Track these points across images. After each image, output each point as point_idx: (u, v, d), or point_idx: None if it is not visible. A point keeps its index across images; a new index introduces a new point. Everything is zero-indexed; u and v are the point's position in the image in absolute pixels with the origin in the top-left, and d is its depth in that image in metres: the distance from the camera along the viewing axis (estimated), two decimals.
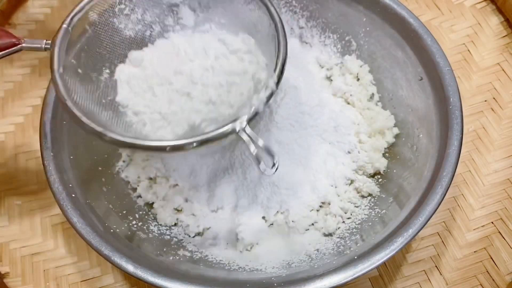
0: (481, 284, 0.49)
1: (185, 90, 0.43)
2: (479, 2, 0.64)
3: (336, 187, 0.50)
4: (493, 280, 0.49)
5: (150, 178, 0.52)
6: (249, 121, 0.38)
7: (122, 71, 0.45)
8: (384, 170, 0.51)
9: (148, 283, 0.40)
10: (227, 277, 0.44)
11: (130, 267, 0.40)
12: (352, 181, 0.51)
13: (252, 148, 0.37)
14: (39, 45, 0.42)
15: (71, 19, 0.42)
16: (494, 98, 0.58)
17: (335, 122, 0.52)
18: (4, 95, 0.61)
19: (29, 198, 0.54)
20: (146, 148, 0.38)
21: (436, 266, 0.49)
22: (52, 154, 0.45)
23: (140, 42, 0.47)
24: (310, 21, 0.57)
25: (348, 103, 0.55)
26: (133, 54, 0.45)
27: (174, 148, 0.38)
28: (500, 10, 0.63)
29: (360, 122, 0.53)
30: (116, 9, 0.45)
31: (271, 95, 0.39)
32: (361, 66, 0.56)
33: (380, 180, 0.51)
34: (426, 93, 0.48)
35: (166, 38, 0.48)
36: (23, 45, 0.42)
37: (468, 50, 0.61)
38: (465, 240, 0.51)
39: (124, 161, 0.52)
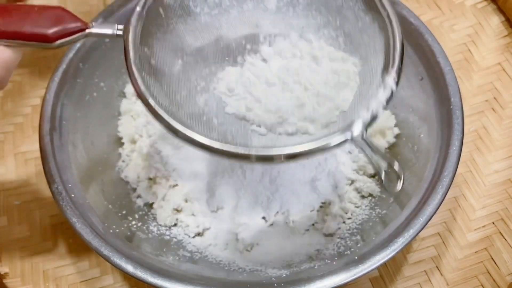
0: (482, 285, 0.48)
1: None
2: (480, 2, 0.63)
3: (336, 187, 0.50)
4: (494, 280, 0.48)
5: (150, 178, 0.52)
6: (367, 127, 0.32)
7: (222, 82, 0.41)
8: (385, 170, 0.51)
9: (148, 284, 0.40)
10: (227, 277, 0.44)
11: (129, 268, 0.40)
12: (352, 181, 0.51)
13: (374, 160, 0.32)
14: (109, 31, 0.37)
15: (146, 0, 0.37)
16: (495, 98, 0.57)
17: None
18: (4, 95, 0.61)
19: (29, 198, 0.54)
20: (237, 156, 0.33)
21: (437, 266, 0.49)
22: (51, 154, 0.45)
23: (215, 29, 0.41)
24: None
25: None
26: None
27: (289, 156, 0.32)
28: (501, 10, 0.63)
29: None
30: None
31: (391, 95, 0.33)
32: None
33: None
34: (427, 93, 0.48)
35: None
36: (91, 30, 0.37)
37: (469, 50, 0.61)
38: (466, 241, 0.50)
39: (124, 161, 0.52)
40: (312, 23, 0.42)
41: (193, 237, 0.49)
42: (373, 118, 0.32)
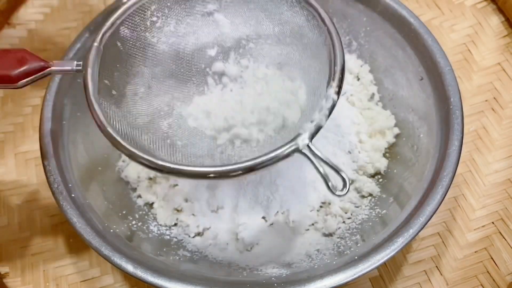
0: (481, 285, 0.48)
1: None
2: (480, 2, 0.64)
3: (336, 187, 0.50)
4: (493, 280, 0.48)
5: (150, 178, 0.52)
6: (312, 137, 0.35)
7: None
8: (384, 170, 0.51)
9: (148, 283, 0.40)
10: (227, 277, 0.44)
11: (129, 267, 0.40)
12: (352, 181, 0.51)
13: (320, 167, 0.34)
14: (69, 68, 0.39)
15: (102, 36, 0.39)
16: (494, 98, 0.58)
17: (335, 122, 0.52)
18: (4, 95, 0.61)
19: (29, 198, 0.54)
20: (193, 175, 0.35)
21: (436, 266, 0.49)
22: (51, 154, 0.45)
23: (175, 56, 0.44)
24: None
25: (349, 103, 0.55)
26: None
27: (226, 174, 0.34)
28: (500, 10, 0.63)
29: (360, 122, 0.53)
30: (148, 23, 0.43)
31: (333, 106, 0.36)
32: (361, 66, 0.56)
33: (380, 180, 0.51)
34: (427, 93, 0.48)
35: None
36: (52, 68, 0.40)
37: (469, 50, 0.61)
38: (466, 240, 0.50)
39: (124, 161, 0.52)
40: (265, 47, 0.45)
41: (193, 237, 0.49)
42: (317, 129, 0.35)
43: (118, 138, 0.36)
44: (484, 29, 0.62)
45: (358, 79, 0.56)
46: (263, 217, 0.49)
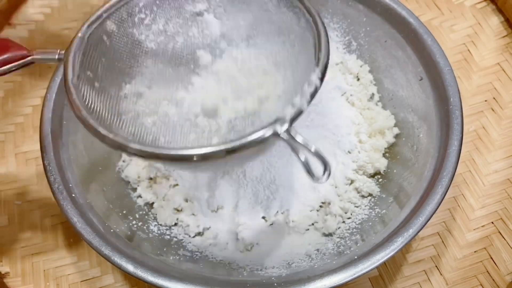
0: (481, 284, 0.48)
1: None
2: (479, 2, 0.64)
3: (336, 187, 0.50)
4: (493, 280, 0.48)
5: (150, 178, 0.52)
6: (292, 121, 0.34)
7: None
8: (384, 170, 0.51)
9: (148, 283, 0.40)
10: (227, 277, 0.44)
11: (130, 267, 0.40)
12: (352, 181, 0.51)
13: (301, 153, 0.33)
14: (51, 57, 0.39)
15: (87, 27, 0.39)
16: (494, 98, 0.58)
17: (335, 122, 0.52)
18: (4, 95, 0.61)
19: (29, 198, 0.54)
20: (173, 158, 0.34)
21: (436, 266, 0.49)
22: (52, 154, 0.45)
23: (163, 55, 0.44)
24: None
25: (348, 103, 0.55)
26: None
27: (204, 156, 0.33)
28: (500, 10, 0.63)
29: (360, 122, 0.53)
30: (136, 19, 0.42)
31: (315, 91, 0.35)
32: (361, 66, 0.56)
33: (380, 180, 0.51)
34: (426, 93, 0.48)
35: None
36: (34, 56, 0.40)
37: (468, 50, 0.61)
38: (465, 240, 0.51)
39: (124, 161, 0.52)
40: (252, 42, 0.45)
41: (193, 236, 0.49)
42: (298, 113, 0.34)
43: (91, 120, 0.36)
44: (483, 29, 0.62)
45: (358, 79, 0.56)
46: (263, 217, 0.50)
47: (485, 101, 0.58)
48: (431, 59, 0.48)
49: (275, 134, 0.33)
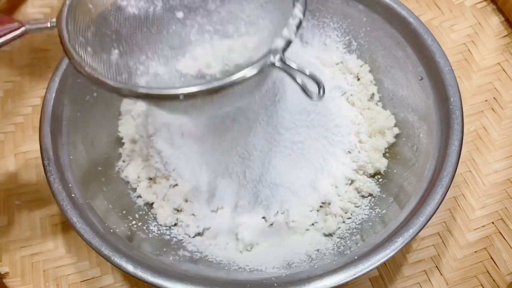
0: (481, 284, 0.48)
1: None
2: (480, 2, 0.64)
3: (336, 187, 0.50)
4: (493, 280, 0.48)
5: (150, 178, 0.52)
6: (283, 51, 0.36)
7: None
8: (384, 170, 0.51)
9: (148, 283, 0.40)
10: (227, 277, 0.44)
11: (130, 267, 0.40)
12: (352, 181, 0.51)
13: (298, 77, 0.35)
14: (43, 25, 0.40)
15: None
16: (494, 98, 0.58)
17: (335, 122, 0.52)
18: (4, 95, 0.61)
19: (29, 198, 0.54)
20: (166, 97, 0.35)
21: (436, 266, 0.49)
22: (52, 154, 0.45)
23: (144, 20, 0.46)
24: (310, 21, 0.57)
25: (348, 103, 0.55)
26: None
27: (209, 91, 0.35)
28: (500, 10, 0.63)
29: (360, 122, 0.53)
30: None
31: (300, 23, 0.37)
32: (361, 66, 0.56)
33: (380, 180, 0.51)
34: (427, 93, 0.48)
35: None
36: (27, 27, 0.40)
37: (469, 50, 0.61)
38: (466, 240, 0.50)
39: (124, 161, 0.52)
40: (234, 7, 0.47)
41: (193, 237, 0.49)
42: (288, 43, 0.37)
43: (103, 79, 0.37)
44: (484, 29, 0.62)
45: (358, 79, 0.56)
46: (263, 217, 0.49)
47: (485, 101, 0.58)
48: (431, 59, 0.48)
49: (271, 64, 0.35)
